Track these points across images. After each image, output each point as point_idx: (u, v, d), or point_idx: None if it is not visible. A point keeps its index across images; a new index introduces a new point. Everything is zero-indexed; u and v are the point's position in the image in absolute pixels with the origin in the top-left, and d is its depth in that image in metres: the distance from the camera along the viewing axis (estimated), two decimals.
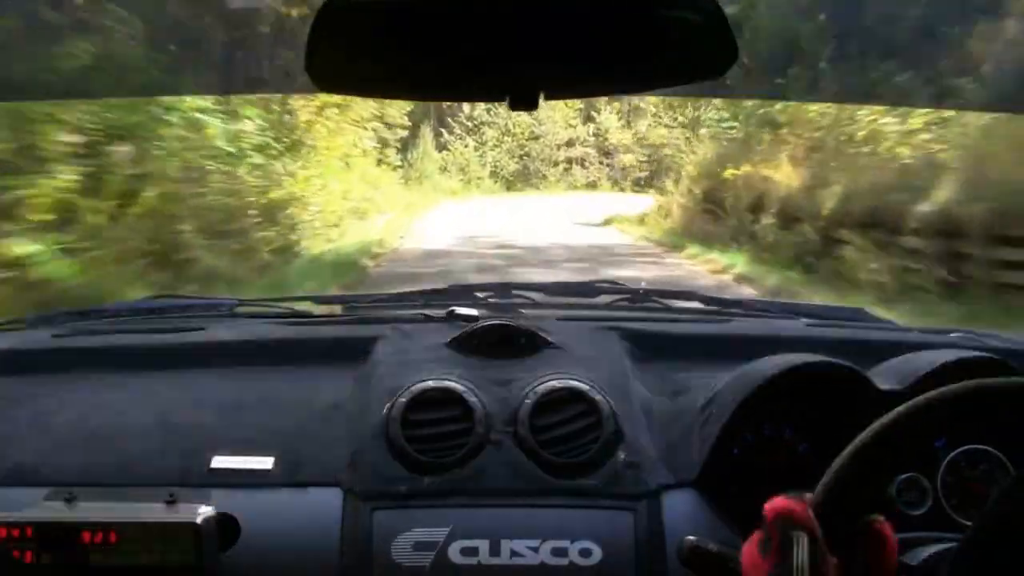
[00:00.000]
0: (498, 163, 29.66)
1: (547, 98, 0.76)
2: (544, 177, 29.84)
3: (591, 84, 0.81)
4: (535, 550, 1.06)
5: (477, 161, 28.77)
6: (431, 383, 1.19)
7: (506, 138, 30.38)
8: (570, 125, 30.74)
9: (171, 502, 1.07)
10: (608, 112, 30.60)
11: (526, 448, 1.14)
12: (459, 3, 0.68)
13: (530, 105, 0.75)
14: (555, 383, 1.19)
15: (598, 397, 1.18)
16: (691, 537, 0.91)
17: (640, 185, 28.23)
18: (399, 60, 0.72)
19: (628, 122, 30.70)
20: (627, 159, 30.03)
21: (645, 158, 29.58)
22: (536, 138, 30.66)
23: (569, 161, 30.05)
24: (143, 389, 1.27)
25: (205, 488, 1.10)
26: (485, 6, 0.68)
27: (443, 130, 29.63)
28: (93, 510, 1.06)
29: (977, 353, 1.22)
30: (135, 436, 1.18)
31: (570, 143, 30.85)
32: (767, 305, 1.63)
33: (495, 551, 1.06)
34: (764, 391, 1.14)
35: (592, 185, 29.47)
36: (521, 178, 29.77)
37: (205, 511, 1.06)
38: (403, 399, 1.17)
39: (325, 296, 1.60)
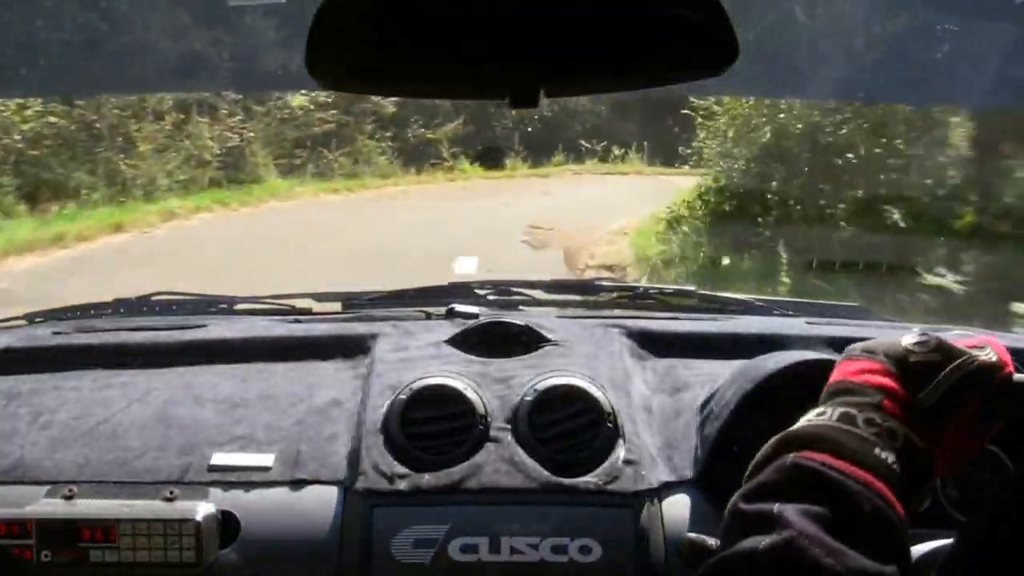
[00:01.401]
0: None
1: (548, 95, 0.76)
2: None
3: (592, 81, 0.81)
4: (535, 547, 1.06)
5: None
6: (431, 380, 1.19)
7: None
8: None
9: (171, 499, 1.07)
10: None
11: (526, 445, 1.14)
12: (460, 1, 0.68)
13: (531, 103, 0.75)
14: (555, 380, 1.19)
15: (598, 394, 1.18)
16: (691, 534, 0.91)
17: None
18: (400, 58, 0.72)
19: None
20: (298, 101, 11.77)
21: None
22: None
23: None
24: (143, 386, 1.27)
25: (205, 485, 1.11)
26: (486, 4, 0.68)
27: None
28: (93, 507, 1.07)
29: None
30: (135, 433, 1.18)
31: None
32: (767, 303, 1.62)
33: (495, 548, 1.06)
34: (764, 389, 1.14)
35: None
36: None
37: (205, 508, 1.06)
38: (403, 396, 1.17)
39: (325, 293, 1.59)
